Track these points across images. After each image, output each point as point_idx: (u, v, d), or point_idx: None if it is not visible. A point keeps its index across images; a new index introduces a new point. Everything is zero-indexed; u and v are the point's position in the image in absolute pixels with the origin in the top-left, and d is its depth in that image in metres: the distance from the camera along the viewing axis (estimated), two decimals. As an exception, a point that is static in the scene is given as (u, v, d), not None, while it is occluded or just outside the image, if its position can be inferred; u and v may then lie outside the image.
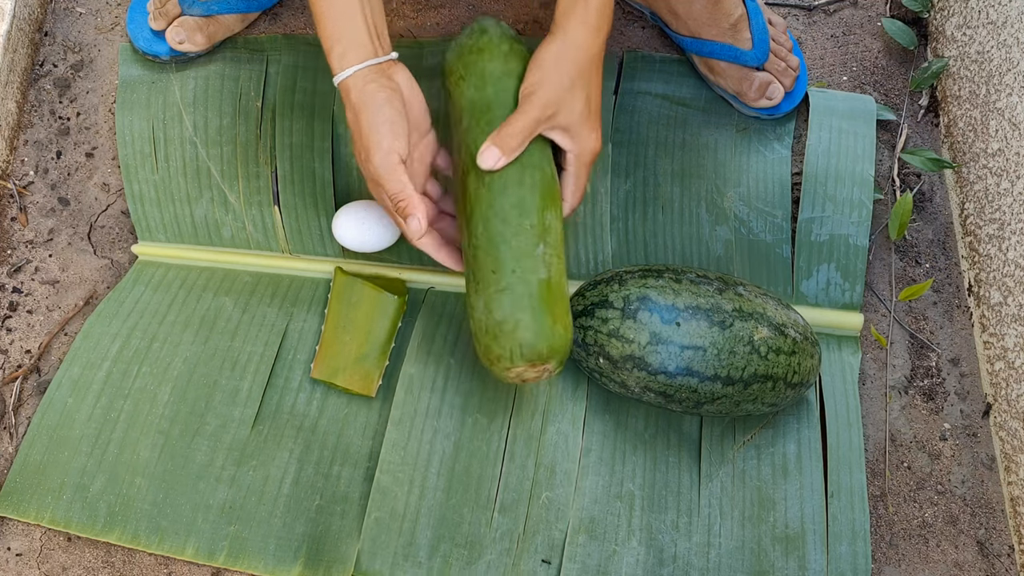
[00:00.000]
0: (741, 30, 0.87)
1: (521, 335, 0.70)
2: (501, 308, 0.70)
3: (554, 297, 0.71)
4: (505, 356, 0.70)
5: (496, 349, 0.70)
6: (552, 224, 0.73)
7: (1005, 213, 0.82)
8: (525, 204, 0.72)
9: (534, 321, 0.70)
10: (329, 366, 0.83)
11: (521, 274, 0.70)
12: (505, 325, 0.70)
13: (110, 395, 0.84)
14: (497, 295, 0.70)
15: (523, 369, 0.71)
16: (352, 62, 0.71)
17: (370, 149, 0.71)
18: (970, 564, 0.79)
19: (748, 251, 0.87)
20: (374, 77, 0.72)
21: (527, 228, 0.72)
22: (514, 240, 0.71)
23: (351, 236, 0.85)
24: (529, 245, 0.71)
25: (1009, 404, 0.80)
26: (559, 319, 0.71)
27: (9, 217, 0.93)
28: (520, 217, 0.72)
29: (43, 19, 1.00)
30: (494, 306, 0.70)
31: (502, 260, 0.71)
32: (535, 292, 0.70)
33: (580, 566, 0.76)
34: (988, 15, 0.87)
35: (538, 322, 0.70)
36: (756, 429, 0.80)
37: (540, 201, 0.73)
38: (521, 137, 0.72)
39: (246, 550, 0.78)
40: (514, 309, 0.70)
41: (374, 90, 0.71)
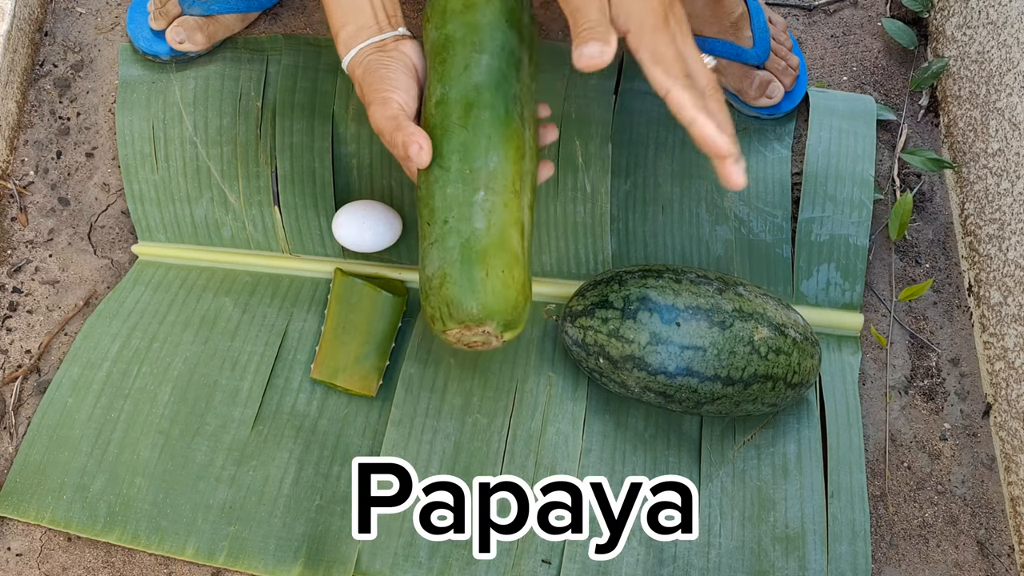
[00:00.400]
0: (742, 28, 0.88)
1: (447, 292, 0.63)
2: (431, 263, 0.64)
3: (493, 248, 0.63)
4: (436, 316, 0.64)
5: (428, 308, 0.64)
6: (500, 169, 0.64)
7: (1005, 213, 0.82)
8: (468, 147, 0.65)
9: (461, 276, 0.62)
10: (329, 366, 0.83)
11: (454, 224, 0.63)
12: (433, 281, 0.63)
13: (110, 395, 0.84)
14: (428, 248, 0.64)
15: (458, 331, 0.64)
16: (358, 42, 0.72)
17: (369, 104, 0.69)
18: (970, 564, 0.79)
19: (748, 251, 0.87)
20: (378, 49, 0.71)
21: (466, 173, 0.64)
22: (450, 187, 0.64)
23: (351, 236, 0.85)
24: (467, 192, 0.64)
25: (1009, 404, 0.80)
26: (494, 274, 0.63)
27: (9, 217, 0.93)
28: (460, 162, 0.64)
29: (43, 19, 1.00)
30: (426, 261, 0.64)
31: (436, 210, 0.64)
32: (467, 242, 0.63)
33: (580, 566, 0.76)
34: (988, 15, 0.87)
35: (466, 277, 0.62)
36: (756, 429, 0.80)
37: (485, 142, 0.65)
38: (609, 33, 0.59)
39: (246, 550, 0.78)
40: (441, 263, 0.63)
41: (378, 58, 0.71)
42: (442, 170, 0.65)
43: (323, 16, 0.99)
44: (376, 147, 0.91)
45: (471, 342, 0.66)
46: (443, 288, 0.63)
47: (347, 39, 0.72)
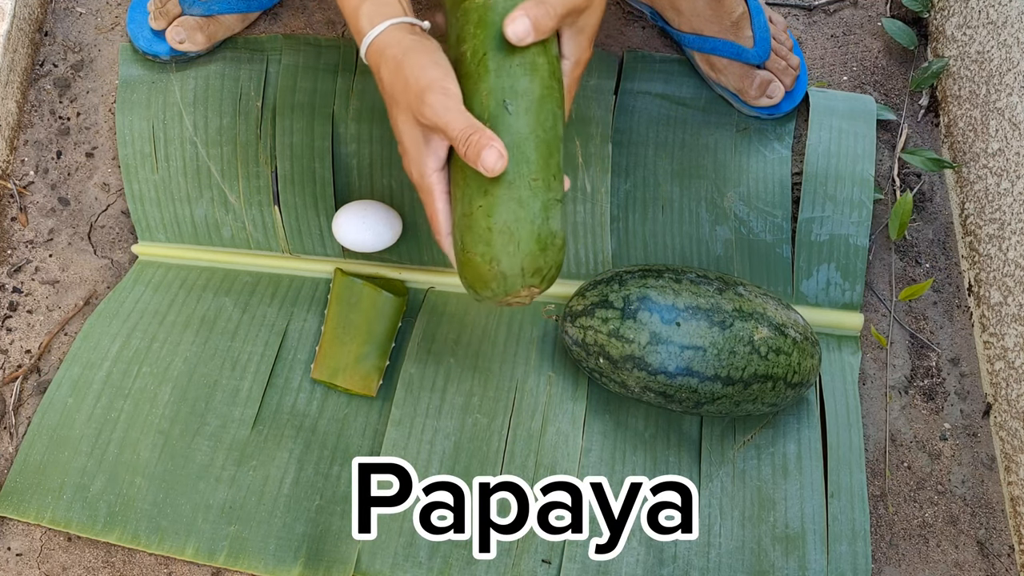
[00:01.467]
0: (743, 28, 0.88)
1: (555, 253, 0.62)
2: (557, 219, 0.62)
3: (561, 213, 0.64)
4: (543, 271, 0.62)
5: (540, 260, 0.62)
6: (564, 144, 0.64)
7: (1005, 213, 0.82)
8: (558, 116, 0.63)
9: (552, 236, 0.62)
10: (329, 366, 0.83)
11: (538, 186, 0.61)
12: (558, 238, 0.62)
13: (110, 395, 0.84)
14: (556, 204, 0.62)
15: (527, 291, 0.64)
16: (385, 17, 0.64)
17: (424, 90, 0.60)
18: (970, 564, 0.79)
19: (748, 251, 0.87)
20: (411, 30, 0.64)
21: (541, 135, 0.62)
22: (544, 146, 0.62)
23: (351, 236, 0.85)
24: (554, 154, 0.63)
25: (1009, 404, 0.80)
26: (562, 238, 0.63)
27: (9, 217, 0.93)
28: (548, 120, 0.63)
29: (43, 19, 1.00)
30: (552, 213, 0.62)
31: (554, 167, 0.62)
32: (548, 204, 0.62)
33: (580, 566, 0.76)
34: (988, 15, 0.87)
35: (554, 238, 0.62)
36: (756, 429, 0.80)
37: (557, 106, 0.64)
38: (557, 20, 0.61)
39: (246, 550, 0.78)
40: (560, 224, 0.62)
41: (420, 40, 0.63)
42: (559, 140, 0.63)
43: (323, 16, 0.99)
44: (376, 147, 0.91)
45: (519, 301, 0.65)
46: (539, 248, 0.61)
47: (371, 13, 0.63)
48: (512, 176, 0.60)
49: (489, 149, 0.59)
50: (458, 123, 0.60)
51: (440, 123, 0.60)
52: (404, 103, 0.62)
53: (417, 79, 0.61)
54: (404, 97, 0.62)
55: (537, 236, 0.61)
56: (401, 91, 0.62)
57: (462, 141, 0.60)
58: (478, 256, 0.62)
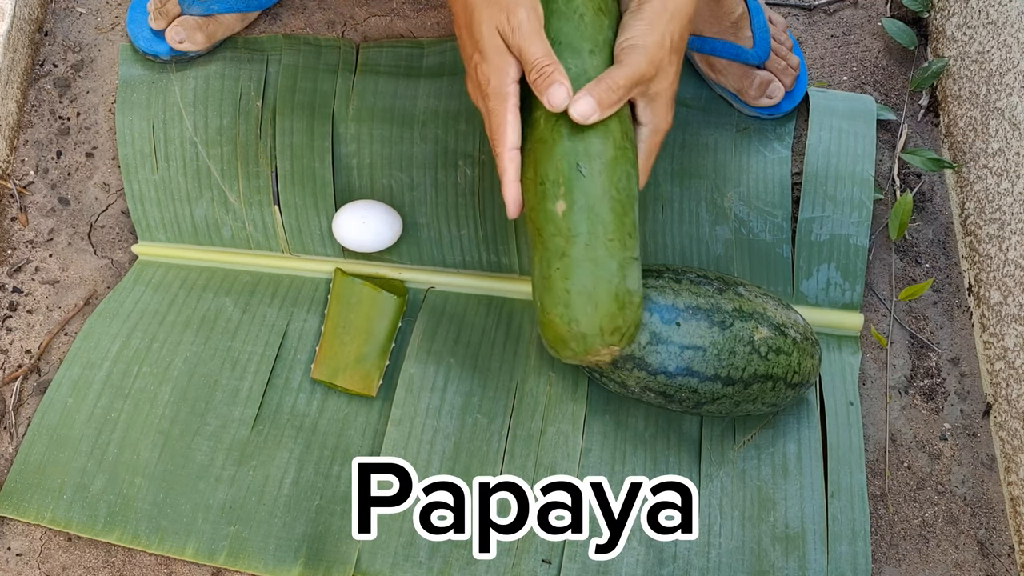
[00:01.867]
0: (742, 28, 0.88)
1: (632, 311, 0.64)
2: (634, 277, 0.63)
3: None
4: (623, 331, 0.64)
5: (619, 319, 0.64)
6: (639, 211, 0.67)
7: (1005, 213, 0.82)
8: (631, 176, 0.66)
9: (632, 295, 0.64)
10: (329, 366, 0.83)
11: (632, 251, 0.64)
12: (635, 296, 0.64)
13: (110, 395, 0.84)
14: (632, 262, 0.64)
15: (615, 349, 0.66)
16: None
17: (516, 4, 0.61)
18: (970, 564, 0.79)
19: (748, 251, 0.87)
20: None
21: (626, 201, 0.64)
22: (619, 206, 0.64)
23: (351, 236, 0.85)
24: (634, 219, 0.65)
25: (1009, 404, 0.80)
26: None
27: (9, 217, 0.93)
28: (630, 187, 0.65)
29: (43, 19, 1.00)
30: (629, 272, 0.63)
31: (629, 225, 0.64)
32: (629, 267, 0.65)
33: (580, 566, 0.76)
34: (988, 15, 0.87)
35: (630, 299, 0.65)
36: (756, 429, 0.80)
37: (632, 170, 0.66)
38: (622, 92, 0.63)
39: (246, 550, 0.78)
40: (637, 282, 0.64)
41: None
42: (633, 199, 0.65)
43: (323, 16, 0.99)
44: (376, 147, 0.91)
45: (599, 360, 0.67)
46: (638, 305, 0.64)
47: None
48: (588, 237, 0.62)
49: (559, 85, 0.61)
50: (537, 49, 0.61)
51: (521, 43, 0.61)
52: (495, 9, 0.62)
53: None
54: (494, 4, 0.62)
55: (615, 296, 0.63)
56: (483, 5, 0.62)
57: (537, 69, 0.61)
58: (557, 317, 0.64)
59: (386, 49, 0.95)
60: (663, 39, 0.63)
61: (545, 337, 0.67)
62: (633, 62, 0.63)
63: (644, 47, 0.63)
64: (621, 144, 0.64)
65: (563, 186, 0.63)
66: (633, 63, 0.63)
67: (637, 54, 0.63)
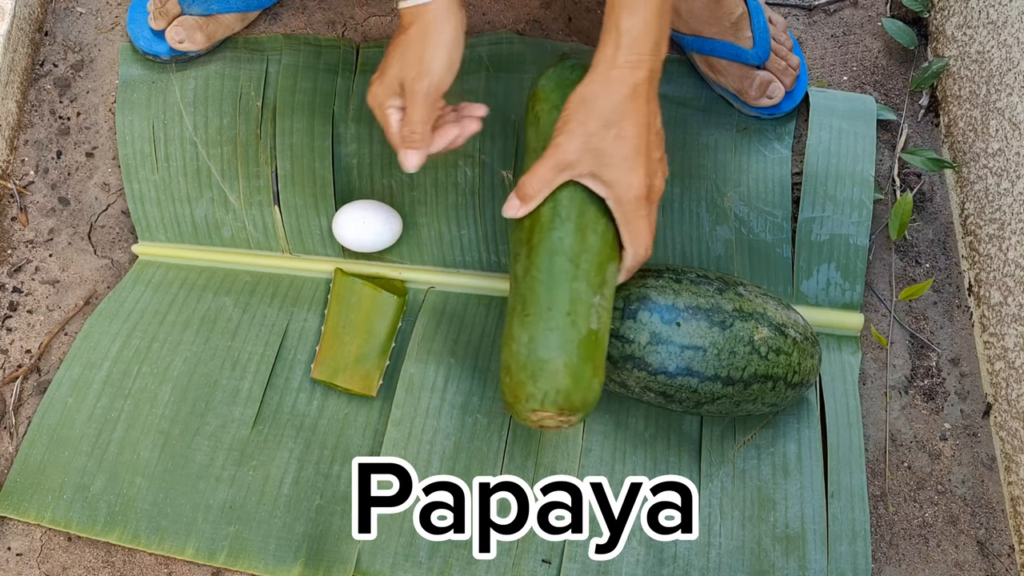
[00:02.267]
0: (742, 28, 0.88)
1: (561, 380, 0.67)
2: (548, 347, 0.67)
3: (599, 351, 0.69)
4: (537, 397, 0.67)
5: (530, 387, 0.67)
6: (610, 279, 0.71)
7: (1005, 213, 0.82)
8: (593, 250, 0.70)
9: (578, 368, 0.67)
10: (329, 366, 0.83)
11: (575, 318, 0.67)
12: (548, 365, 0.67)
13: (110, 395, 0.84)
14: (546, 332, 0.67)
15: (549, 415, 0.68)
16: None
17: (425, 71, 0.71)
18: (970, 564, 0.79)
19: (748, 251, 0.87)
20: (452, 10, 0.71)
21: (591, 275, 0.69)
22: (575, 283, 0.68)
23: (351, 236, 0.85)
24: (588, 292, 0.69)
25: (1009, 404, 0.80)
26: (597, 374, 0.69)
27: (9, 217, 0.93)
28: (587, 263, 0.69)
29: (43, 19, 1.00)
30: (540, 343, 0.67)
31: (559, 299, 0.68)
32: (583, 339, 0.67)
33: (580, 566, 0.76)
34: (988, 15, 0.87)
35: (581, 371, 0.67)
36: (756, 429, 0.80)
37: (607, 251, 0.71)
38: (539, 185, 0.70)
39: (246, 550, 0.78)
40: (560, 351, 0.67)
41: (457, 22, 0.71)
42: (571, 265, 0.69)
43: (323, 16, 0.99)
44: (376, 147, 0.91)
45: (548, 424, 0.69)
46: (557, 375, 0.67)
47: None
48: (549, 308, 0.68)
49: (415, 153, 0.73)
50: (418, 116, 0.72)
51: (410, 104, 0.72)
52: (411, 64, 0.71)
53: (429, 58, 0.70)
54: (407, 57, 0.71)
55: (566, 367, 0.67)
56: (414, 58, 0.71)
57: (408, 130, 0.72)
58: (510, 376, 0.69)
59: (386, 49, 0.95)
60: (586, 125, 0.68)
61: (501, 389, 0.71)
62: (546, 154, 0.70)
63: (556, 139, 0.69)
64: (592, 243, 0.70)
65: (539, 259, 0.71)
66: (546, 155, 0.70)
67: (551, 146, 0.70)
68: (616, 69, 0.67)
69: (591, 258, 0.69)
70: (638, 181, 0.68)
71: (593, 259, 0.69)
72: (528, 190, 0.70)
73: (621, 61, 0.66)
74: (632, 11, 0.65)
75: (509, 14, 0.99)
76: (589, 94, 0.68)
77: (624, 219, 0.70)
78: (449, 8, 0.70)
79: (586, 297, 0.68)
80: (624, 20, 0.65)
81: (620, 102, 0.67)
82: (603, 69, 0.67)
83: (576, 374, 0.67)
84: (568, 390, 0.67)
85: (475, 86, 0.93)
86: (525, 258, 0.71)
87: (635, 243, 0.71)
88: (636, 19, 0.65)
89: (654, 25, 0.65)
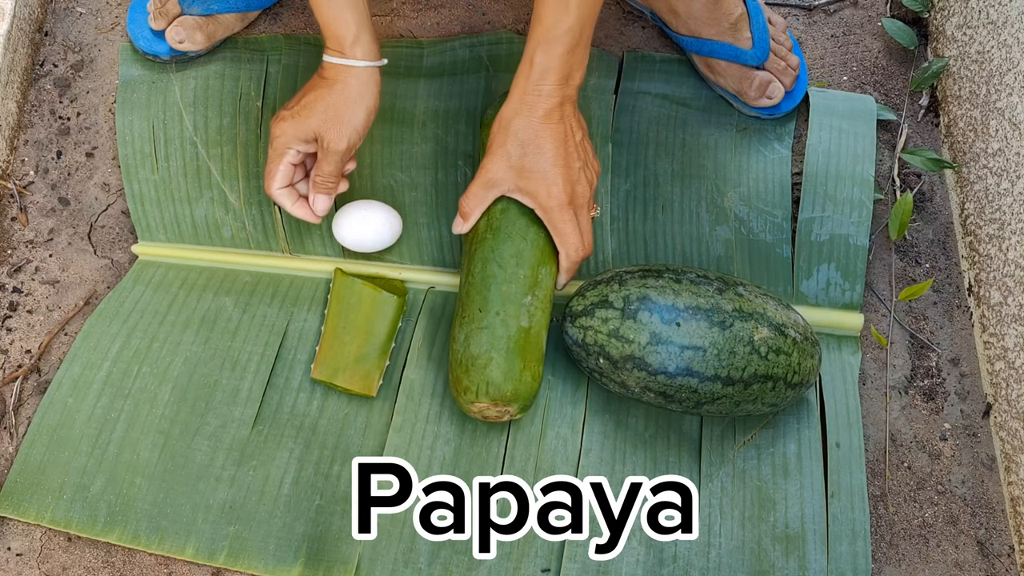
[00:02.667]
0: (741, 29, 0.88)
1: (491, 373, 0.74)
2: (479, 344, 0.74)
3: (530, 346, 0.75)
4: (472, 390, 0.74)
5: (465, 381, 0.75)
6: (544, 280, 0.78)
7: (1005, 213, 0.82)
8: (523, 255, 0.77)
9: (506, 363, 0.74)
10: (329, 367, 0.83)
11: (504, 317, 0.75)
12: (478, 360, 0.74)
13: (110, 395, 0.84)
14: (477, 331, 0.75)
15: (485, 406, 0.75)
16: (364, 56, 0.78)
17: (345, 133, 0.78)
18: (970, 564, 0.79)
19: (748, 251, 0.87)
20: (376, 79, 0.79)
21: (520, 277, 0.76)
22: (505, 285, 0.76)
23: (351, 236, 0.85)
24: (518, 293, 0.76)
25: (1009, 404, 0.80)
26: (529, 367, 0.75)
27: (9, 217, 0.93)
28: (516, 266, 0.76)
29: (43, 19, 1.00)
30: (472, 341, 0.75)
31: (490, 300, 0.75)
32: (513, 336, 0.74)
33: (580, 566, 0.76)
34: (988, 15, 0.87)
35: (509, 365, 0.74)
36: (756, 429, 0.80)
37: (538, 255, 0.77)
38: (474, 203, 0.78)
39: (246, 550, 0.78)
40: (490, 348, 0.74)
41: (377, 89, 0.79)
42: (500, 269, 0.76)
43: (323, 16, 0.99)
44: (376, 147, 0.91)
45: (489, 415, 0.77)
46: (487, 369, 0.74)
47: (352, 42, 0.78)
48: (480, 310, 0.75)
49: (325, 198, 0.81)
50: (330, 168, 0.80)
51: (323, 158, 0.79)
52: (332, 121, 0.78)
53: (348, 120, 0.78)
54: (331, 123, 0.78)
55: (494, 363, 0.74)
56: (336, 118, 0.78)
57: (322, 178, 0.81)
58: (451, 372, 0.77)
59: (386, 49, 0.95)
60: (504, 147, 0.75)
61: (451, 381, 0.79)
62: (476, 176, 0.78)
63: (483, 162, 0.78)
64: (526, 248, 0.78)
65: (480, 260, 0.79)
66: (476, 177, 0.78)
67: (480, 169, 0.78)
68: (529, 95, 0.74)
69: (521, 262, 0.76)
70: (558, 190, 0.75)
71: (523, 263, 0.76)
72: (466, 208, 0.79)
73: (531, 90, 0.74)
74: (546, 49, 0.72)
75: (509, 14, 0.99)
76: (506, 117, 0.76)
77: (551, 225, 0.77)
78: (373, 76, 0.78)
79: (516, 298, 0.75)
80: (538, 56, 0.73)
81: (534, 124, 0.74)
82: (518, 95, 0.75)
83: (506, 368, 0.74)
84: (499, 383, 0.74)
85: (475, 86, 0.93)
86: (465, 267, 0.79)
87: (565, 245, 0.78)
88: (548, 56, 0.72)
89: (564, 63, 0.73)
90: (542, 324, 0.77)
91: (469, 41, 0.95)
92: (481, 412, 0.76)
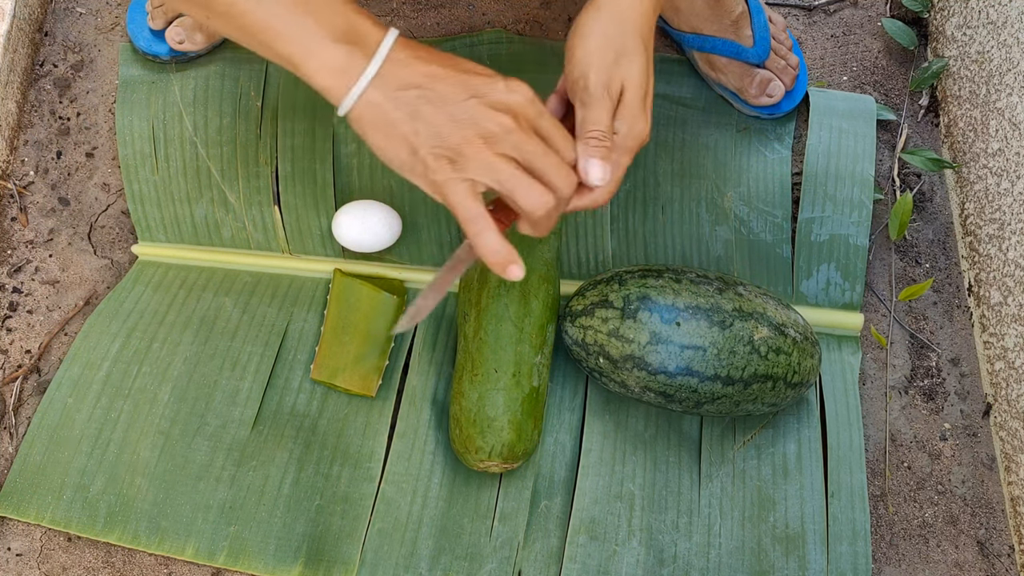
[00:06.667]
0: (742, 27, 0.88)
1: (507, 435, 0.74)
2: (495, 406, 0.74)
3: (539, 405, 0.77)
4: (485, 450, 0.74)
5: (479, 442, 0.75)
6: (550, 337, 0.78)
7: (1005, 213, 0.82)
8: (535, 315, 0.77)
9: (521, 424, 0.75)
10: (329, 367, 0.83)
11: (519, 379, 0.75)
12: (495, 423, 0.74)
13: (110, 395, 0.84)
14: (493, 392, 0.75)
15: (495, 464, 0.75)
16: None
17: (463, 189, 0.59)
18: (970, 564, 0.79)
19: (748, 251, 0.87)
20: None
21: (532, 337, 0.76)
22: (519, 346, 0.76)
23: (351, 236, 0.85)
24: (531, 353, 0.76)
25: (1009, 404, 0.80)
26: (537, 425, 0.77)
27: (9, 217, 0.93)
28: (530, 327, 0.77)
29: (43, 19, 1.00)
30: (488, 402, 0.75)
31: (505, 362, 0.75)
32: (527, 397, 0.75)
33: (580, 566, 0.76)
34: (988, 15, 0.87)
35: (523, 426, 0.75)
36: (756, 429, 0.80)
37: (548, 315, 0.78)
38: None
39: (246, 550, 0.78)
40: (506, 410, 0.74)
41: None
42: (516, 329, 0.76)
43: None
44: (376, 147, 0.91)
45: (492, 470, 0.77)
46: (503, 432, 0.74)
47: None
48: (495, 370, 0.75)
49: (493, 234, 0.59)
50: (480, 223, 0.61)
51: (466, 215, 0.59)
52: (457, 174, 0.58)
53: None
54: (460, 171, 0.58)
55: (511, 424, 0.74)
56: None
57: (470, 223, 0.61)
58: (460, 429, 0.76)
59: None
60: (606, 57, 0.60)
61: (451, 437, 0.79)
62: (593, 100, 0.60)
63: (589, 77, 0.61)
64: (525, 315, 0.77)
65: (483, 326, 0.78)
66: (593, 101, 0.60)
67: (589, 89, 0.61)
68: None
69: (533, 322, 0.77)
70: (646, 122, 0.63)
71: (535, 323, 0.77)
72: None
73: None
74: None
75: (509, 14, 0.99)
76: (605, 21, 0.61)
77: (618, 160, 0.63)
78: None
79: (529, 358, 0.76)
80: None
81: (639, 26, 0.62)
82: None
83: (519, 429, 0.75)
84: (512, 443, 0.74)
85: (475, 86, 0.93)
86: (474, 320, 0.78)
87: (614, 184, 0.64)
88: None
89: None
90: (546, 381, 0.78)
91: (469, 41, 0.95)
92: (487, 468, 0.76)
